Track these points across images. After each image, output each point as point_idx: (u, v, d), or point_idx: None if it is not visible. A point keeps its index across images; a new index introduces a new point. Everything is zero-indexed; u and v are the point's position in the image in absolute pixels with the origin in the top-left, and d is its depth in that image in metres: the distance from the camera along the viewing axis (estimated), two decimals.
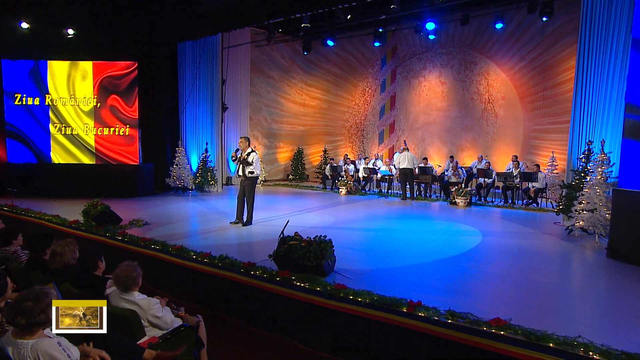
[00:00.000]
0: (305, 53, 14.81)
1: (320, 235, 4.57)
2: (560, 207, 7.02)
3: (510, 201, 10.64)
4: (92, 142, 11.17)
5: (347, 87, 17.00)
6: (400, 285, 4.30)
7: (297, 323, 4.12)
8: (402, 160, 10.90)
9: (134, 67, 11.03)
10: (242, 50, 13.89)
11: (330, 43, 12.88)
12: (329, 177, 13.85)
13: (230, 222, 7.21)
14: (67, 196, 10.19)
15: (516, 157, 11.78)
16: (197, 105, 12.26)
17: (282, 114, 16.91)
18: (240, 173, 6.98)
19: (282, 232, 4.94)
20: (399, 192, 12.68)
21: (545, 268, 4.99)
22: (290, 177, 16.39)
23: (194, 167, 12.09)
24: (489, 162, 11.79)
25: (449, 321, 3.37)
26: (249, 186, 7.02)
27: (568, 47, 11.77)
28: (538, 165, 10.42)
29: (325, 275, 4.45)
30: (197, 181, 11.63)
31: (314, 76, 17.30)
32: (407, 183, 11.09)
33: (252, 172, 6.93)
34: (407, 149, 11.33)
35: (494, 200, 11.11)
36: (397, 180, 13.04)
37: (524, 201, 10.56)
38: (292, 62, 17.01)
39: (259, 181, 13.96)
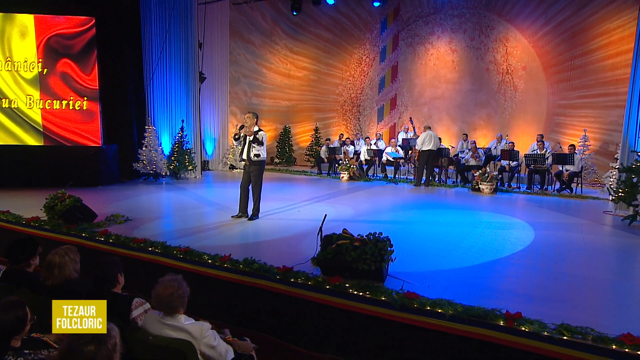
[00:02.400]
0: (295, 13, 14.20)
1: (376, 233, 4.22)
2: (620, 194, 6.96)
3: (538, 187, 10.63)
4: (39, 119, 10.27)
5: (340, 55, 16.52)
6: (476, 291, 4.04)
7: (357, 341, 3.77)
8: (427, 141, 10.64)
9: (91, 23, 10.13)
10: (220, 8, 13.16)
11: (330, 1, 12.32)
12: (325, 160, 13.49)
13: (232, 216, 6.78)
14: (9, 186, 9.34)
15: (541, 136, 11.77)
16: (168, 74, 11.51)
17: (263, 87, 16.31)
18: (245, 156, 6.53)
19: (321, 229, 4.58)
20: (409, 177, 12.52)
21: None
22: (276, 160, 15.90)
23: (167, 150, 11.42)
24: (512, 143, 11.74)
25: (564, 338, 3.12)
26: (255, 172, 6.59)
27: (602, 9, 11.78)
28: (573, 146, 10.41)
29: (382, 280, 4.12)
30: (172, 166, 10.98)
31: (301, 42, 16.71)
32: (425, 167, 10.87)
33: (258, 155, 6.51)
34: (430, 127, 11.08)
35: (519, 185, 11.08)
36: (407, 163, 12.86)
37: (554, 186, 10.57)
38: (274, 25, 16.37)
39: (241, 166, 13.44)
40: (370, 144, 13.06)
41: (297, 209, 7.66)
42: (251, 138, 6.46)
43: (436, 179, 11.90)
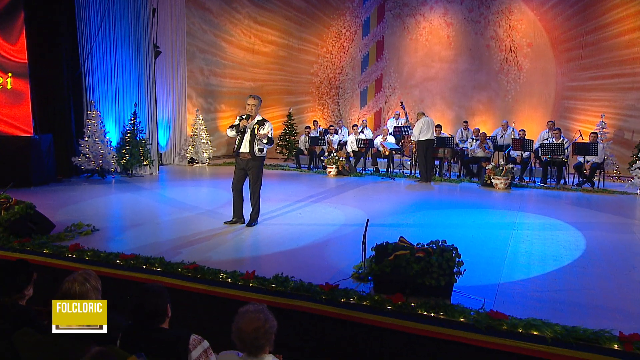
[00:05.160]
0: None
1: (441, 241, 4.08)
2: None
3: (553, 181, 10.90)
4: None
5: (315, 27, 16.33)
6: (560, 307, 4.00)
7: None
8: (425, 130, 10.69)
9: None
10: None
11: None
12: (305, 152, 13.29)
13: (226, 222, 6.50)
14: None
15: (553, 122, 12.11)
16: (113, 47, 10.87)
17: (223, 64, 15.83)
18: (246, 149, 6.22)
19: (365, 236, 4.40)
20: (404, 171, 12.55)
21: None
22: None
23: (114, 140, 10.81)
24: (523, 131, 11.97)
25: None
26: (256, 169, 6.30)
27: None
28: (595, 134, 10.75)
29: (449, 297, 4.01)
30: (123, 161, 10.40)
31: (268, 11, 16.37)
32: (425, 159, 10.91)
33: (262, 149, 6.27)
34: (424, 113, 11.11)
35: (534, 180, 11.33)
36: (401, 154, 12.89)
37: (573, 180, 10.87)
38: None
39: (204, 160, 13.06)
40: (359, 133, 12.95)
41: (297, 212, 7.46)
42: (263, 136, 6.14)
43: (436, 172, 11.97)
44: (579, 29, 13.12)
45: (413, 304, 3.81)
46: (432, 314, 3.71)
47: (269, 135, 6.21)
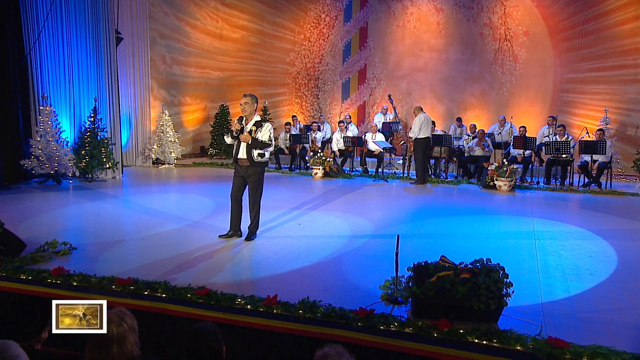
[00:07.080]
0: None
1: (485, 260, 4.09)
2: None
3: (558, 181, 11.17)
4: None
5: (291, 11, 16.24)
6: (616, 331, 4.07)
7: None
8: (425, 127, 10.79)
9: None
10: None
11: None
12: (285, 151, 13.20)
13: (221, 236, 6.36)
14: None
15: (554, 118, 12.40)
16: (66, 32, 10.47)
17: (187, 51, 15.55)
18: (243, 155, 6.12)
19: (397, 254, 4.38)
20: (397, 171, 12.64)
21: None
22: (211, 151, 15.26)
23: (70, 140, 10.46)
24: (524, 127, 12.20)
25: None
26: (255, 176, 6.20)
27: None
28: (602, 131, 11.04)
29: (497, 321, 4.02)
30: (82, 163, 10.06)
31: None
32: (423, 159, 11.01)
33: (262, 155, 6.17)
34: (422, 109, 11.20)
35: (539, 180, 11.56)
36: (392, 153, 12.96)
37: (579, 181, 11.14)
38: None
39: (171, 160, 12.85)
40: (345, 130, 12.95)
41: (296, 222, 7.40)
42: (253, 139, 6.05)
43: (430, 172, 12.09)
44: (579, 17, 13.46)
45: (462, 331, 3.80)
46: (485, 342, 3.71)
47: (265, 140, 6.08)
